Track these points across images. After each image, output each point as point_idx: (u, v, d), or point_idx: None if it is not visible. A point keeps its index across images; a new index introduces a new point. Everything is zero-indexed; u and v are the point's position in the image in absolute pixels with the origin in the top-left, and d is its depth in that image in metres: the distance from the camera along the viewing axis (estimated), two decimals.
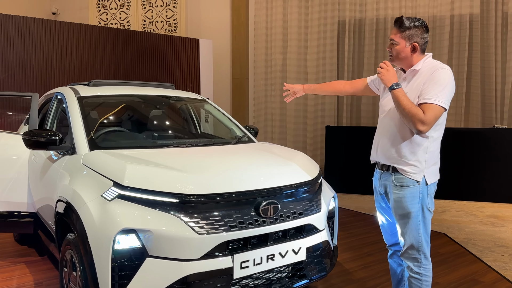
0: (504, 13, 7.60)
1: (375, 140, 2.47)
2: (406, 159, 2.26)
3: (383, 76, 2.21)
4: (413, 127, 2.14)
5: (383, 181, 2.40)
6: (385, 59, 8.15)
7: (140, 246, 2.03)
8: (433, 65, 2.25)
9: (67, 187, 2.46)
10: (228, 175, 2.30)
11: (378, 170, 2.47)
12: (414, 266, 2.33)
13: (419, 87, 2.20)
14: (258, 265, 2.21)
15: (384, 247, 4.17)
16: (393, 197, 2.32)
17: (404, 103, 2.13)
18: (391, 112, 2.32)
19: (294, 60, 8.65)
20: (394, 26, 2.27)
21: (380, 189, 2.46)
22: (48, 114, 3.53)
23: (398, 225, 2.36)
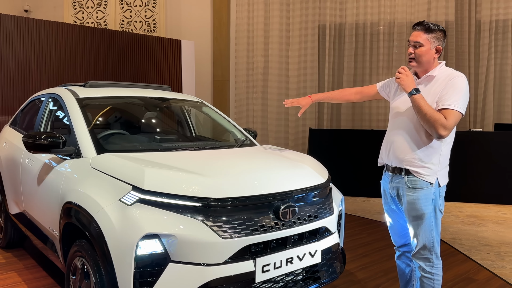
0: (477, 20, 7.95)
1: (386, 143, 2.51)
2: (421, 162, 2.32)
3: (402, 81, 2.26)
4: (434, 131, 2.21)
5: (395, 184, 2.45)
6: (364, 63, 8.42)
7: (163, 251, 1.99)
8: (449, 72, 2.33)
9: (77, 192, 2.38)
10: (248, 178, 2.29)
11: (388, 173, 2.51)
12: (426, 266, 2.39)
13: (436, 93, 2.27)
14: (278, 269, 2.22)
15: (379, 247, 4.28)
16: (406, 199, 2.37)
17: (426, 108, 2.20)
18: (405, 116, 2.38)
19: (276, 63, 8.71)
20: (417, 28, 2.32)
21: (391, 191, 2.50)
22: (41, 116, 3.40)
23: (411, 226, 2.42)
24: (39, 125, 3.36)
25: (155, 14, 9.26)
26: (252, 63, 8.84)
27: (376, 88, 2.72)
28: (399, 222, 2.59)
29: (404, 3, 8.17)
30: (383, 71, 8.33)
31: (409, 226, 2.45)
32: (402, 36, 8.22)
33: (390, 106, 2.56)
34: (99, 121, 3.14)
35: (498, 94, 7.92)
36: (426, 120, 2.21)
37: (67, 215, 2.46)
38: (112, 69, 7.22)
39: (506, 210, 6.02)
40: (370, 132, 7.71)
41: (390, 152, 2.45)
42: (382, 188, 2.62)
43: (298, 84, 8.63)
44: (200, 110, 3.85)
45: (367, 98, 2.79)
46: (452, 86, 2.24)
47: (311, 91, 8.55)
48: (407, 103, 2.37)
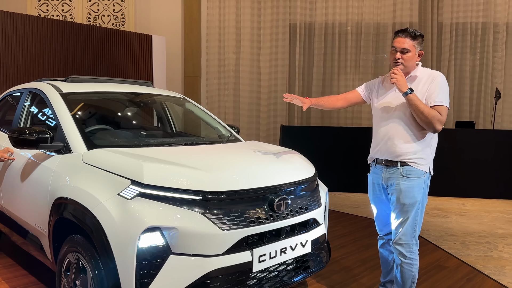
0: (439, 23, 8.37)
1: (377, 141, 2.68)
2: (416, 154, 2.52)
3: (398, 82, 2.44)
4: (431, 127, 2.44)
5: (389, 175, 2.61)
6: (333, 62, 8.65)
7: (164, 243, 2.03)
8: (429, 72, 2.58)
9: (71, 187, 2.37)
10: (244, 172, 2.37)
11: (379, 166, 2.68)
12: (407, 252, 2.58)
13: (423, 91, 2.50)
14: (273, 258, 2.31)
15: (354, 239, 4.46)
16: (401, 187, 2.54)
17: (422, 106, 2.42)
18: (397, 112, 2.56)
19: (247, 60, 8.79)
20: (402, 35, 2.51)
21: (384, 182, 2.66)
22: (20, 112, 3.31)
23: (399, 213, 2.59)
24: (18, 121, 3.28)
25: (123, 8, 9.08)
26: (224, 60, 8.87)
27: (358, 93, 2.84)
28: (385, 211, 2.77)
29: (371, 5, 8.46)
30: (350, 70, 8.60)
31: (396, 214, 2.61)
32: (369, 37, 8.51)
33: (375, 104, 2.73)
34: (85, 117, 3.10)
35: (458, 93, 8.37)
36: (423, 117, 2.41)
37: (58, 211, 2.45)
38: (81, 64, 7.05)
39: (467, 202, 6.41)
40: (339, 129, 7.95)
41: (383, 149, 2.62)
42: (370, 180, 2.80)
43: (269, 82, 8.75)
44: (182, 106, 3.87)
45: (351, 104, 2.87)
46: (438, 85, 2.48)
47: (282, 89, 8.70)
48: (396, 100, 2.57)
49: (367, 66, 8.51)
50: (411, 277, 2.60)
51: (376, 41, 8.50)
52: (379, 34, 8.49)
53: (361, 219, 5.35)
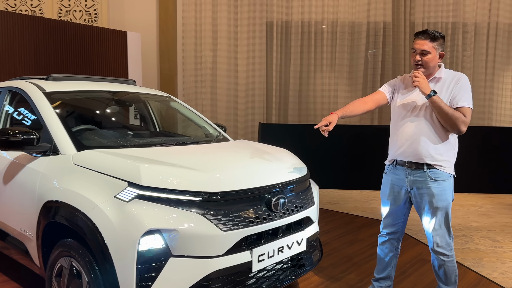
0: (411, 22, 8.58)
1: (400, 142, 2.60)
2: (442, 155, 2.51)
3: (421, 85, 2.42)
4: (455, 128, 2.44)
5: (414, 177, 2.57)
6: (309, 60, 8.73)
7: (164, 246, 2.01)
8: (453, 73, 2.57)
9: (62, 190, 2.30)
10: (241, 172, 2.37)
11: (401, 168, 2.62)
12: (447, 251, 2.58)
13: (448, 93, 2.49)
14: (271, 258, 2.32)
15: (338, 235, 4.53)
16: (433, 191, 2.51)
17: (446, 108, 2.41)
18: (421, 115, 2.53)
19: (224, 58, 8.74)
20: (421, 37, 2.49)
21: (407, 185, 2.61)
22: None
23: (434, 217, 2.54)
24: None
25: (96, 3, 8.83)
26: (201, 57, 8.79)
27: (384, 93, 2.76)
28: (399, 211, 2.73)
29: (346, 4, 8.58)
30: (326, 68, 8.70)
31: (429, 218, 2.56)
32: (344, 36, 8.63)
33: (397, 103, 2.67)
34: (70, 116, 3.01)
35: None
36: (448, 119, 2.41)
37: (48, 215, 2.37)
38: (54, 60, 6.82)
39: None
40: None
41: (408, 151, 2.56)
42: (388, 181, 2.72)
43: (247, 80, 8.74)
44: (168, 105, 3.82)
45: (378, 105, 2.76)
46: (462, 86, 2.49)
47: (259, 86, 8.70)
48: (419, 101, 2.54)
49: (343, 65, 8.63)
50: (454, 272, 2.63)
51: (351, 40, 8.63)
52: (354, 33, 8.62)
53: (343, 215, 5.44)
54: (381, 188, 2.80)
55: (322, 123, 2.52)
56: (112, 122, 3.40)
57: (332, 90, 8.77)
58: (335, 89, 8.75)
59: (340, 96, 8.72)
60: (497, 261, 3.81)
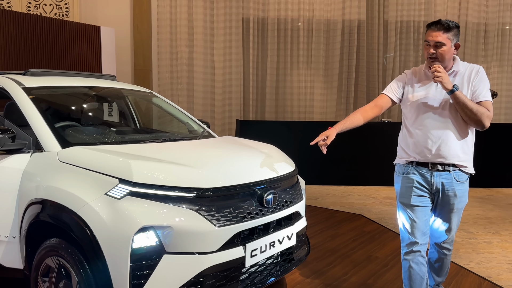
0: (385, 20, 8.77)
1: (425, 142, 2.37)
2: (468, 155, 2.39)
3: (443, 80, 2.22)
4: (480, 124, 2.29)
5: (441, 179, 2.39)
6: (286, 57, 8.78)
7: (158, 243, 1.98)
8: (469, 65, 2.41)
9: (48, 188, 2.22)
10: (232, 168, 2.36)
11: (425, 169, 2.41)
12: (451, 246, 2.61)
13: (469, 87, 2.34)
14: (263, 252, 2.33)
15: (319, 230, 4.59)
16: (456, 193, 2.39)
17: (470, 103, 2.25)
18: (446, 112, 2.34)
19: (201, 54, 8.67)
20: (434, 28, 2.29)
21: (433, 187, 2.41)
22: None
23: (450, 217, 2.47)
24: None
25: None
26: (176, 53, 8.68)
27: (388, 97, 2.55)
28: (424, 218, 2.45)
29: (322, 1, 8.66)
30: (303, 65, 8.77)
31: (445, 218, 2.48)
32: (320, 33, 8.72)
33: (411, 100, 2.44)
34: (51, 113, 2.91)
35: None
36: (473, 114, 2.25)
37: (32, 214, 2.29)
38: (24, 55, 6.57)
39: None
40: (294, 123, 8.11)
41: (434, 150, 2.36)
42: (409, 182, 2.44)
43: (224, 76, 8.70)
44: (150, 101, 3.75)
45: (384, 109, 2.57)
46: (482, 79, 2.34)
47: (236, 83, 8.68)
48: (440, 97, 2.35)
49: (319, 62, 8.72)
50: (449, 264, 2.70)
51: (327, 37, 8.73)
52: (330, 30, 8.73)
53: (322, 210, 5.51)
54: (400, 190, 2.50)
55: (318, 138, 2.36)
56: (93, 118, 3.31)
57: (309, 87, 8.86)
58: (311, 86, 8.84)
59: (316, 93, 8.82)
60: (472, 252, 3.96)
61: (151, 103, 3.75)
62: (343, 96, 8.88)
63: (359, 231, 4.55)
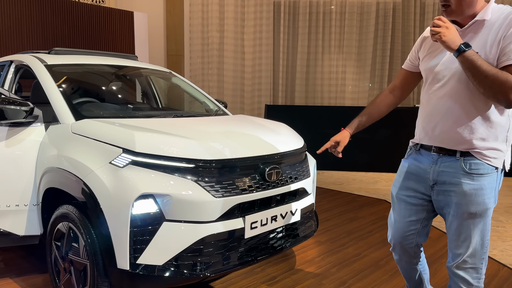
0: (422, 2, 8.43)
1: (427, 119, 1.86)
2: (485, 141, 1.74)
3: (444, 37, 1.61)
4: (502, 98, 1.62)
5: (441, 168, 1.82)
6: (317, 41, 8.66)
7: (157, 210, 2.05)
8: (506, 11, 1.68)
9: (60, 157, 2.35)
10: (235, 142, 2.39)
11: (426, 153, 1.89)
12: (473, 278, 1.82)
13: (493, 43, 1.66)
14: (264, 226, 2.36)
15: (338, 213, 4.55)
16: (464, 189, 1.75)
17: (485, 67, 1.60)
18: (454, 83, 1.75)
19: (231, 39, 8.71)
20: None
21: (432, 176, 1.85)
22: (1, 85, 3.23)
23: (462, 227, 1.78)
24: None
25: None
26: (207, 38, 8.77)
27: (405, 72, 2.07)
28: (405, 219, 1.98)
29: None
30: (334, 49, 8.61)
31: (456, 227, 1.80)
32: (353, 16, 8.51)
33: (421, 70, 1.94)
34: (70, 89, 3.05)
35: None
36: (487, 84, 1.61)
37: (47, 182, 2.43)
38: (61, 40, 6.87)
39: None
40: (323, 108, 8.02)
41: (436, 131, 1.82)
42: (404, 168, 1.99)
43: (253, 61, 8.71)
44: (169, 81, 3.84)
45: (407, 86, 2.10)
46: None
47: (266, 68, 8.67)
48: (450, 63, 1.75)
49: (351, 46, 8.53)
50: None
51: (360, 20, 8.51)
52: (363, 13, 8.50)
53: (345, 194, 5.46)
54: (394, 179, 2.07)
55: (327, 145, 2.12)
56: (112, 95, 3.44)
57: (340, 72, 8.70)
58: (343, 71, 8.68)
59: (348, 78, 8.65)
60: (498, 240, 3.80)
61: (170, 82, 3.83)
62: (376, 82, 8.66)
63: (380, 215, 4.48)
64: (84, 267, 2.19)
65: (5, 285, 2.68)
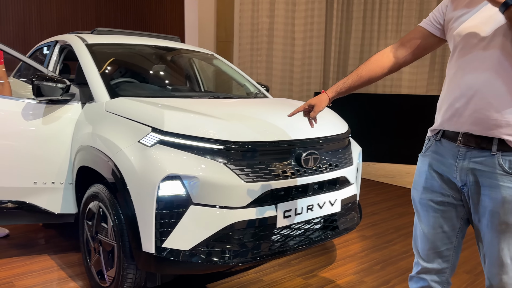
0: None
1: (453, 95, 1.42)
2: None
3: None
4: None
5: (471, 164, 1.40)
6: (372, 26, 8.23)
7: (184, 193, 1.94)
8: None
9: (92, 135, 2.31)
10: (269, 124, 2.23)
11: (453, 145, 1.44)
12: None
13: None
14: (298, 215, 2.18)
15: (387, 207, 4.26)
16: (503, 194, 1.35)
17: None
18: (495, 47, 1.35)
19: (281, 24, 8.48)
20: None
21: (460, 176, 1.43)
22: (47, 64, 3.27)
23: (500, 240, 1.38)
24: None
25: None
26: (257, 24, 8.60)
27: (422, 30, 1.62)
28: (435, 230, 1.54)
29: None
30: (391, 34, 8.13)
31: (491, 241, 1.40)
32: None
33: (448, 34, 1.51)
34: (109, 68, 3.03)
35: None
36: None
37: (80, 161, 2.41)
38: (114, 23, 7.02)
39: None
40: (376, 96, 7.63)
41: (468, 111, 1.38)
42: (424, 166, 1.56)
43: (304, 47, 8.44)
44: (210, 63, 3.73)
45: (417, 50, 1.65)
46: None
47: (317, 54, 8.37)
48: (491, 23, 1.37)
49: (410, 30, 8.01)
50: None
51: (420, 3, 7.95)
52: None
53: (396, 188, 5.13)
54: (414, 180, 1.63)
55: (299, 108, 1.81)
56: (151, 76, 3.39)
57: None
58: None
59: None
60: None
61: (212, 65, 3.72)
62: (436, 69, 8.08)
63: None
64: (112, 248, 2.14)
65: (42, 261, 2.72)
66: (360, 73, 1.71)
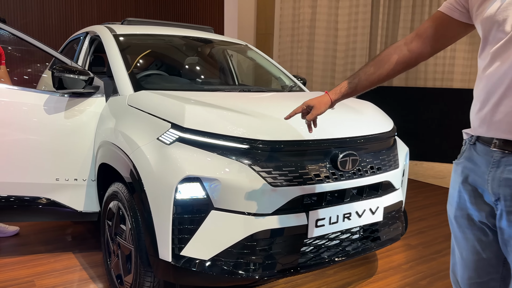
0: None
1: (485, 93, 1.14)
2: None
3: None
4: None
5: (505, 173, 1.09)
6: (423, 15, 7.69)
7: (204, 196, 1.74)
8: None
9: (113, 130, 2.17)
10: (301, 121, 1.98)
11: (487, 149, 1.15)
12: None
13: None
14: (333, 224, 1.93)
15: (437, 211, 3.89)
16: None
17: None
18: None
19: (324, 15, 8.12)
20: None
21: (493, 189, 1.12)
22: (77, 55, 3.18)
23: None
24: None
25: None
26: (298, 15, 8.30)
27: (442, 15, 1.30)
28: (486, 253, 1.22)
29: None
30: None
31: None
32: None
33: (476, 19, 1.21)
34: (136, 59, 2.89)
35: None
36: None
37: (100, 157, 2.28)
38: (153, 16, 6.99)
39: None
40: (425, 90, 7.15)
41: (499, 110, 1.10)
42: (457, 176, 1.25)
43: (347, 39, 8.04)
44: (245, 55, 3.52)
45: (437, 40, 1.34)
46: None
47: (361, 46, 7.95)
48: None
49: None
50: None
51: None
52: None
53: (446, 190, 4.68)
54: (449, 193, 1.32)
55: (297, 109, 1.62)
56: (181, 68, 3.23)
57: (449, 50, 7.62)
58: (452, 48, 7.59)
59: (458, 57, 7.56)
60: None
61: (246, 56, 3.51)
62: None
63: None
64: (129, 253, 1.99)
65: (66, 260, 2.63)
66: (368, 71, 1.48)
